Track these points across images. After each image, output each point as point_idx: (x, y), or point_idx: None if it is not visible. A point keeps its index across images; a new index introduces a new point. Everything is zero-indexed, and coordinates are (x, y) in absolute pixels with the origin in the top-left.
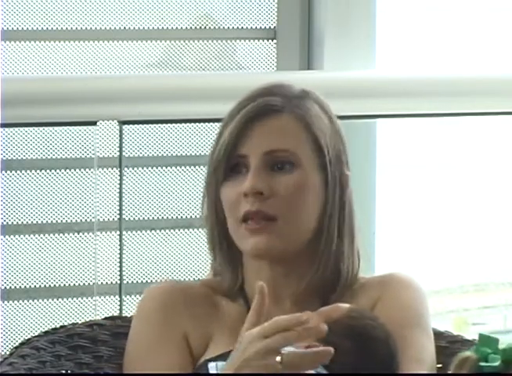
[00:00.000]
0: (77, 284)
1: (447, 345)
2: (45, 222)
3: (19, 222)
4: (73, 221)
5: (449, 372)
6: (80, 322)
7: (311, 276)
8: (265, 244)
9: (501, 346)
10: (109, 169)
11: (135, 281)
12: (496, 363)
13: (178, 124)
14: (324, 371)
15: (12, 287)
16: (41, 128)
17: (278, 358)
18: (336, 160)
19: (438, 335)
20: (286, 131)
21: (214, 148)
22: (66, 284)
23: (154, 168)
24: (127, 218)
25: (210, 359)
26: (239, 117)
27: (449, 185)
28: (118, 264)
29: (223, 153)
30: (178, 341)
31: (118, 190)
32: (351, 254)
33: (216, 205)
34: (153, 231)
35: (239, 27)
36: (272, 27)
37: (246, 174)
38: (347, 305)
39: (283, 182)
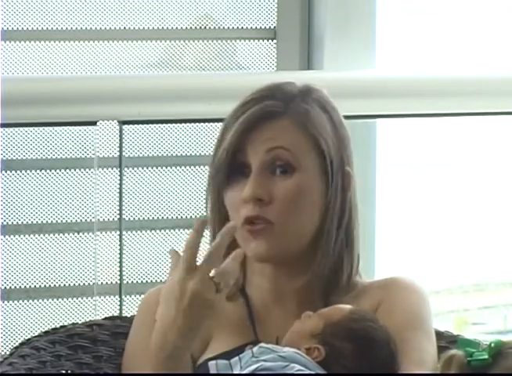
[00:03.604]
0: (77, 284)
1: (447, 345)
2: (45, 222)
3: (19, 222)
4: (73, 221)
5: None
6: (80, 322)
7: (309, 277)
8: (264, 248)
9: (484, 346)
10: (109, 169)
11: (135, 281)
12: (485, 356)
13: (178, 124)
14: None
15: (12, 287)
16: (41, 128)
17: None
18: (338, 160)
19: (438, 335)
20: (286, 133)
21: (216, 151)
22: (66, 284)
23: (154, 168)
24: (127, 218)
25: (212, 358)
26: (239, 121)
27: (449, 185)
28: (118, 264)
29: (225, 158)
30: None
31: (118, 190)
32: (351, 255)
33: (219, 207)
34: (153, 231)
35: (239, 27)
36: (272, 27)
37: (247, 178)
38: (348, 306)
39: (282, 187)
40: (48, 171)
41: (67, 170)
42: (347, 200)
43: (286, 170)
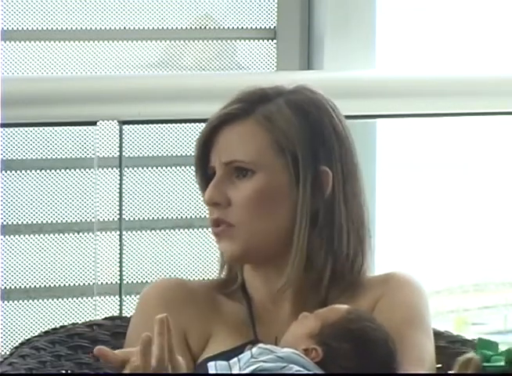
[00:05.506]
0: (77, 284)
1: (447, 345)
2: (45, 222)
3: (19, 222)
4: (73, 221)
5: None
6: (80, 322)
7: (288, 274)
8: (228, 250)
9: (503, 348)
10: (109, 169)
11: (135, 281)
12: (501, 363)
13: (178, 124)
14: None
15: (12, 287)
16: (41, 128)
17: None
18: (308, 159)
19: (438, 335)
20: (246, 137)
21: None
22: (66, 284)
23: (154, 168)
24: (127, 218)
25: (210, 358)
26: (206, 125)
27: (449, 185)
28: (118, 264)
29: (194, 161)
30: (177, 338)
31: (118, 190)
32: (334, 254)
33: None
34: (153, 231)
35: (239, 27)
36: (272, 27)
37: None
38: (345, 306)
39: (240, 190)
40: (48, 171)
41: (67, 170)
42: (322, 199)
43: (248, 174)
